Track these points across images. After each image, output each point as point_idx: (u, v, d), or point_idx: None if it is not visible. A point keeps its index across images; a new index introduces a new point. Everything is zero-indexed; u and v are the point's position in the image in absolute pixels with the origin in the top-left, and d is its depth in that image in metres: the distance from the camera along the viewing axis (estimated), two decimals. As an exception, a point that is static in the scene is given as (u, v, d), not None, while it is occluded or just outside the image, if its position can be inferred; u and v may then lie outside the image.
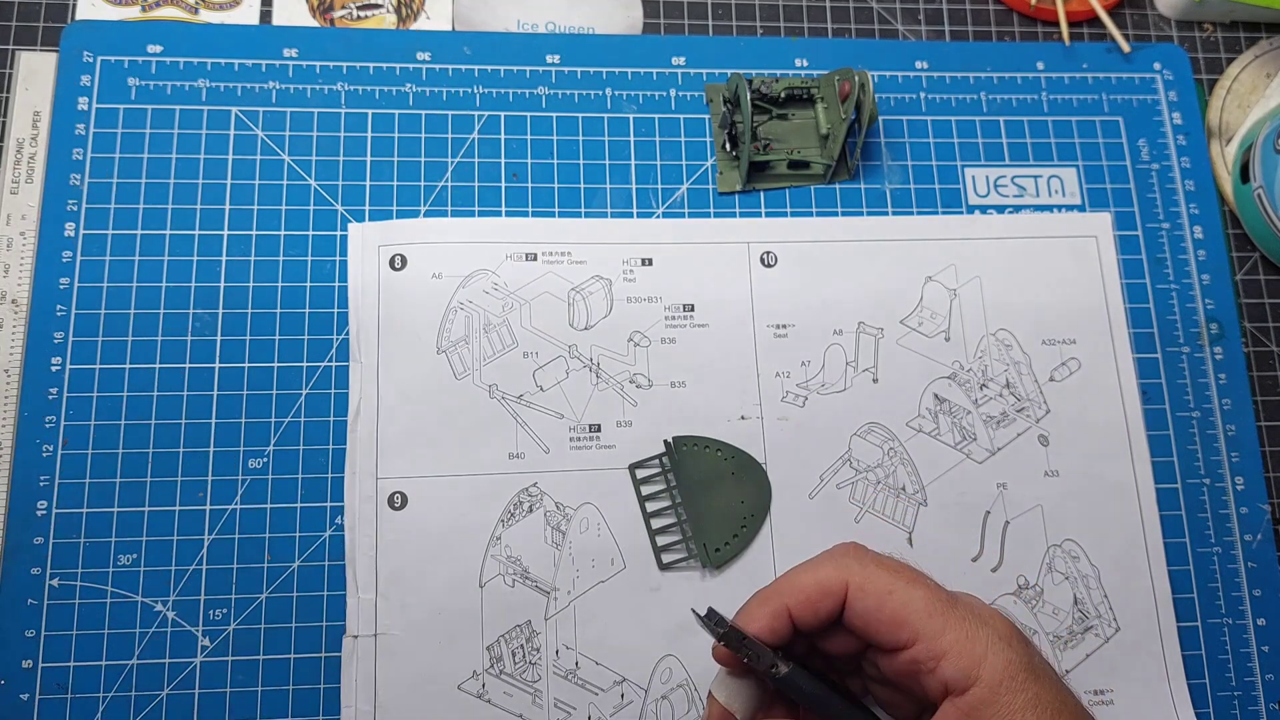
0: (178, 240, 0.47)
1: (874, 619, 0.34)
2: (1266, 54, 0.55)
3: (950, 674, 0.33)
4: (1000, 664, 0.32)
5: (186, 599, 0.43)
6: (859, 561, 0.35)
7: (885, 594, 0.34)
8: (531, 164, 0.50)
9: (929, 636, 0.33)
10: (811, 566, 0.36)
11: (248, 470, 0.45)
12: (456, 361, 0.46)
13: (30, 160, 0.48)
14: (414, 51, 0.51)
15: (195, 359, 0.46)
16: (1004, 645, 0.33)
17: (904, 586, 0.34)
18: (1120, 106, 0.53)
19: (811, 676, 0.35)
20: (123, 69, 0.49)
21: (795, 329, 0.48)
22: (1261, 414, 0.50)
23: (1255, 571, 0.47)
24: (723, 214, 0.50)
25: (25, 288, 0.46)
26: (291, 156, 0.48)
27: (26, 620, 0.42)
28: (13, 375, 0.45)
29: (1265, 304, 0.52)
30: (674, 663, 0.44)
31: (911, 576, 0.35)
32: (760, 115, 0.50)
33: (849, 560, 0.35)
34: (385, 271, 0.47)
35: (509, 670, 0.43)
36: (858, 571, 0.35)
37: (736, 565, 0.45)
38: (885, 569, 0.35)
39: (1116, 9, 0.55)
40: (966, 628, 0.33)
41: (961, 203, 0.51)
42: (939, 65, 0.53)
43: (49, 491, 0.44)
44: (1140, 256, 0.51)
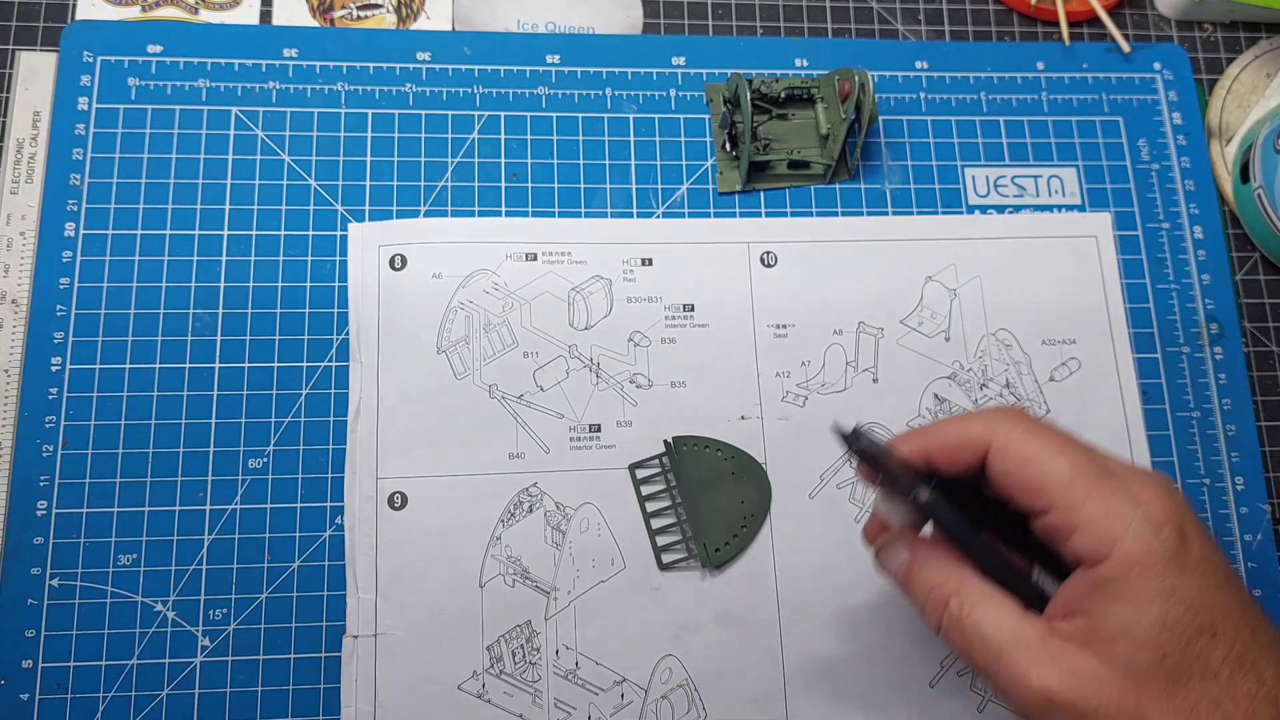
0: (178, 240, 0.47)
1: (1010, 482, 0.33)
2: (1266, 54, 0.55)
3: (1081, 548, 0.32)
4: (1138, 547, 0.31)
5: (186, 599, 0.43)
6: (1009, 422, 0.34)
7: (1024, 461, 0.33)
8: (531, 164, 0.50)
9: (1065, 508, 0.32)
10: (964, 417, 0.35)
11: (248, 470, 0.45)
12: (457, 361, 0.46)
13: (30, 160, 0.48)
14: (414, 51, 0.51)
15: (195, 359, 0.46)
16: (1149, 529, 0.31)
17: (1048, 456, 0.32)
18: (1120, 106, 0.53)
19: (954, 509, 0.34)
20: (123, 69, 0.49)
21: (795, 329, 0.48)
22: (1261, 414, 0.50)
23: (1255, 571, 0.47)
24: (723, 214, 0.50)
25: (25, 288, 0.46)
26: (291, 156, 0.48)
27: (26, 620, 0.42)
28: (13, 375, 0.45)
29: (1265, 304, 0.52)
30: (674, 663, 0.44)
31: (1060, 446, 0.33)
32: (760, 115, 0.50)
33: (1000, 419, 0.34)
34: (385, 271, 0.47)
35: (509, 670, 0.43)
36: (1004, 432, 0.33)
37: (737, 565, 0.45)
38: (1033, 435, 0.33)
39: (1116, 9, 0.55)
40: (1110, 504, 0.31)
41: (961, 203, 0.51)
42: (939, 65, 0.53)
43: (49, 491, 0.44)
44: (1140, 256, 0.51)
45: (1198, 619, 0.30)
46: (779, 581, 0.45)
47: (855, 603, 0.45)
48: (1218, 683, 0.30)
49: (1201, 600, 0.31)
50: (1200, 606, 0.31)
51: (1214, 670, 0.30)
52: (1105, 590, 0.31)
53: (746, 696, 0.43)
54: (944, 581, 0.34)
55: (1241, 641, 0.31)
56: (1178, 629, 0.30)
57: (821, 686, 0.44)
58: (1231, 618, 0.31)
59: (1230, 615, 0.31)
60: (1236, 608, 0.31)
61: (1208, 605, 0.31)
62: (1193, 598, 0.30)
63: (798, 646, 0.44)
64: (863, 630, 0.44)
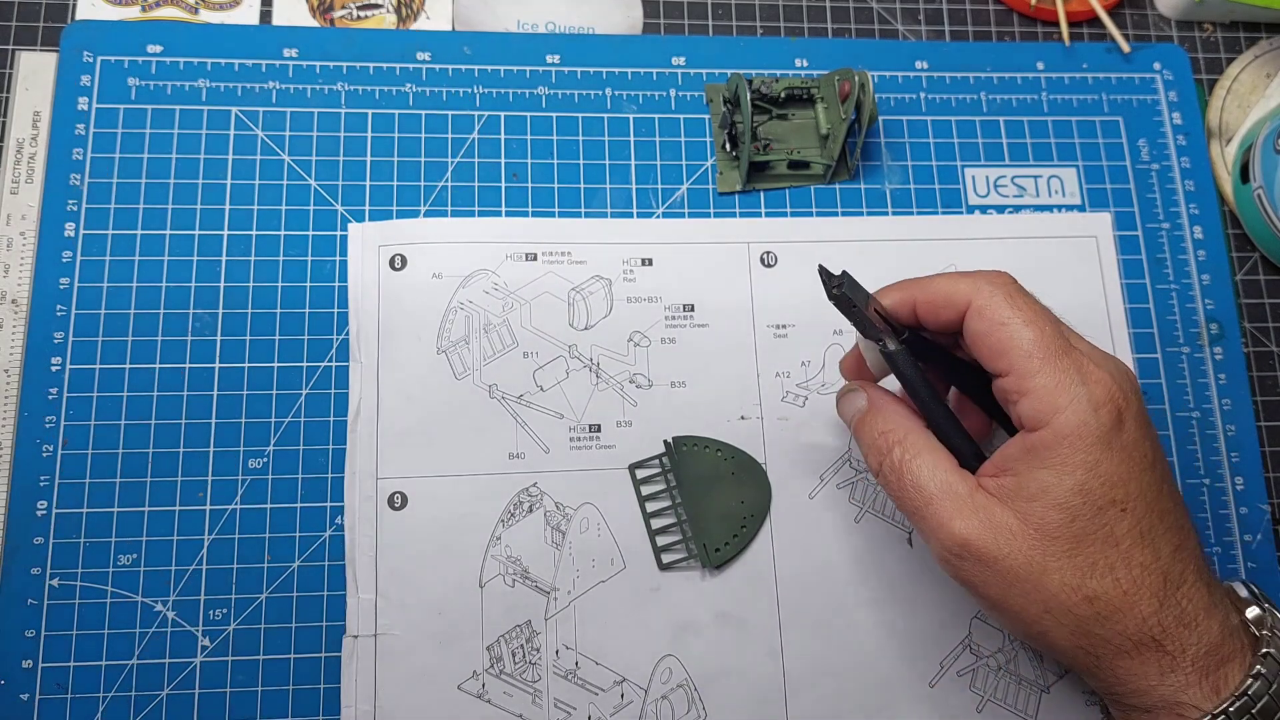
0: (178, 240, 0.47)
1: (980, 342, 0.36)
2: (1266, 54, 0.55)
3: (1025, 412, 0.35)
4: (1073, 420, 0.34)
5: (186, 599, 0.43)
6: (992, 286, 0.36)
7: (997, 324, 0.35)
8: (531, 164, 0.50)
9: (1019, 374, 0.35)
10: (954, 276, 0.37)
11: (248, 470, 0.45)
12: (457, 361, 0.46)
13: (30, 160, 0.48)
14: (414, 51, 0.51)
15: (195, 359, 0.46)
16: (1088, 406, 0.34)
17: (1019, 324, 0.35)
18: (1120, 106, 0.53)
19: (915, 363, 0.38)
20: (123, 69, 0.49)
21: (795, 329, 0.48)
22: (1261, 414, 0.50)
23: (1255, 572, 0.47)
24: (723, 214, 0.50)
25: (25, 288, 0.46)
26: (291, 156, 0.49)
27: (26, 620, 0.43)
28: (13, 375, 0.45)
29: (1265, 304, 0.52)
30: (674, 663, 0.44)
31: (1031, 317, 0.35)
32: (760, 115, 0.50)
33: (985, 283, 0.36)
34: (385, 271, 0.47)
35: (509, 670, 0.43)
36: (985, 295, 0.36)
37: (736, 565, 0.45)
38: (1011, 302, 0.36)
39: (1116, 9, 0.55)
40: (1060, 378, 0.34)
41: (961, 203, 0.51)
42: (939, 65, 0.53)
43: (49, 491, 0.44)
44: (1140, 257, 0.51)
45: (1111, 492, 0.34)
46: (779, 581, 0.45)
47: (855, 602, 0.45)
48: (1117, 550, 0.34)
49: (1118, 477, 0.34)
50: (1116, 482, 0.34)
51: (1116, 539, 0.34)
52: (1036, 454, 0.34)
53: (746, 696, 0.43)
54: (891, 430, 0.38)
55: (1148, 520, 0.34)
56: (1091, 497, 0.34)
57: (821, 686, 0.44)
58: (1145, 498, 0.34)
59: (1144, 495, 0.34)
60: (1152, 491, 0.34)
61: (1123, 482, 0.34)
62: (1111, 474, 0.34)
63: (798, 646, 0.44)
64: (863, 630, 0.44)
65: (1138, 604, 0.34)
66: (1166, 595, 0.34)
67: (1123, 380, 0.35)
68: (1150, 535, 0.34)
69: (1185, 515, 0.36)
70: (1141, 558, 0.34)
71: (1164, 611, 0.34)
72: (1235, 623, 0.35)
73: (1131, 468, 0.34)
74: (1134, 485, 0.34)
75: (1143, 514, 0.34)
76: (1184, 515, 0.36)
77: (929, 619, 0.45)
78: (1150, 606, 0.34)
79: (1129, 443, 0.34)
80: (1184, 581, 0.34)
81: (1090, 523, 0.34)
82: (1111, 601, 0.34)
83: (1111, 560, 0.34)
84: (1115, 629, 0.34)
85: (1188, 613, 0.34)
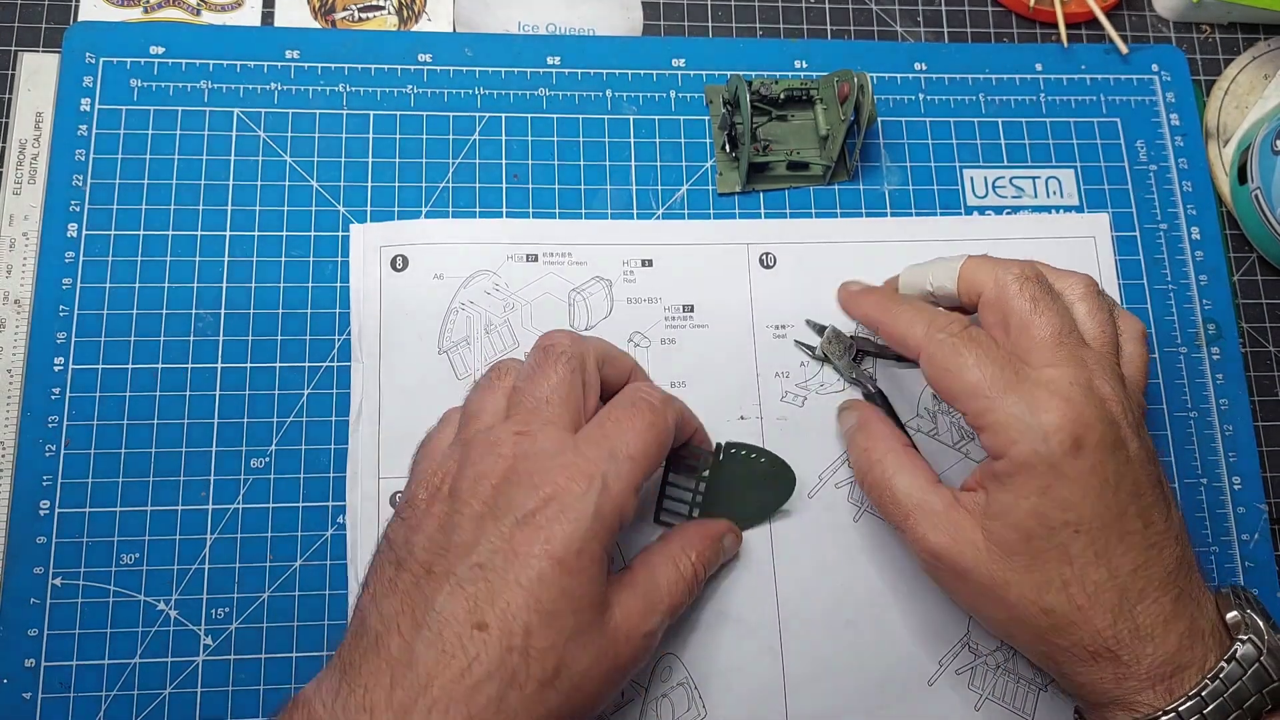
0: (180, 241, 0.47)
1: (935, 385, 0.39)
2: (1264, 55, 0.55)
3: (986, 444, 0.37)
4: (1025, 451, 0.36)
5: (189, 598, 0.43)
6: (944, 336, 0.39)
7: (944, 370, 0.38)
8: (532, 165, 0.50)
9: (974, 413, 0.37)
10: (915, 317, 0.41)
11: (250, 470, 0.45)
12: (458, 362, 0.46)
13: (33, 161, 0.48)
14: (415, 53, 0.51)
15: (197, 359, 0.46)
16: (1040, 439, 0.35)
17: (967, 368, 0.37)
18: (1118, 108, 0.54)
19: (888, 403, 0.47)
20: (125, 70, 0.49)
21: (794, 329, 0.48)
22: (1259, 414, 0.50)
23: (1253, 571, 0.48)
24: (722, 215, 0.50)
25: (28, 288, 0.46)
26: (293, 157, 0.49)
27: (29, 619, 0.43)
28: (15, 375, 0.45)
29: (1262, 304, 0.52)
30: (674, 661, 0.44)
31: (974, 361, 0.37)
32: (760, 116, 0.50)
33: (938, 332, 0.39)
34: (386, 272, 0.47)
35: (510, 669, 0.43)
36: (934, 345, 0.39)
37: (737, 565, 0.45)
38: (957, 351, 0.38)
39: (1114, 10, 0.56)
40: (1010, 413, 0.36)
41: (960, 204, 0.51)
42: (938, 67, 0.53)
43: (51, 491, 0.44)
44: (1138, 257, 0.51)
45: (1064, 515, 0.35)
46: (779, 581, 0.45)
47: (854, 602, 0.45)
48: (1071, 568, 0.36)
49: (1072, 500, 0.35)
50: (1069, 505, 0.35)
51: (1070, 558, 0.36)
52: (998, 479, 0.37)
53: (746, 695, 0.44)
54: (872, 448, 0.42)
55: (1104, 540, 0.36)
56: (1045, 520, 0.36)
57: (821, 685, 0.44)
58: (1100, 520, 0.36)
59: (1100, 518, 0.36)
60: (1111, 512, 0.36)
61: (1076, 505, 0.35)
62: (1064, 498, 0.35)
63: (797, 646, 0.44)
64: (862, 629, 0.45)
65: (1092, 618, 0.35)
66: (1122, 610, 0.35)
67: (1079, 404, 0.36)
68: (1106, 554, 0.36)
69: (1162, 532, 0.37)
70: (1096, 575, 0.36)
71: (1119, 625, 0.35)
72: (1205, 628, 0.36)
73: (1087, 492, 0.35)
74: (1088, 508, 0.36)
75: (1098, 534, 0.36)
76: (1160, 533, 0.37)
77: (927, 618, 0.45)
78: (1104, 620, 0.35)
79: (1085, 468, 0.35)
80: (1143, 598, 0.36)
81: (1044, 542, 0.36)
82: (1066, 615, 0.36)
83: (1066, 577, 0.36)
84: (1071, 639, 0.36)
85: (1144, 626, 0.35)
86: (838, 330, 0.48)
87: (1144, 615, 0.35)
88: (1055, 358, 0.37)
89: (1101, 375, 0.37)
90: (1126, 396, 0.38)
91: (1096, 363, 0.38)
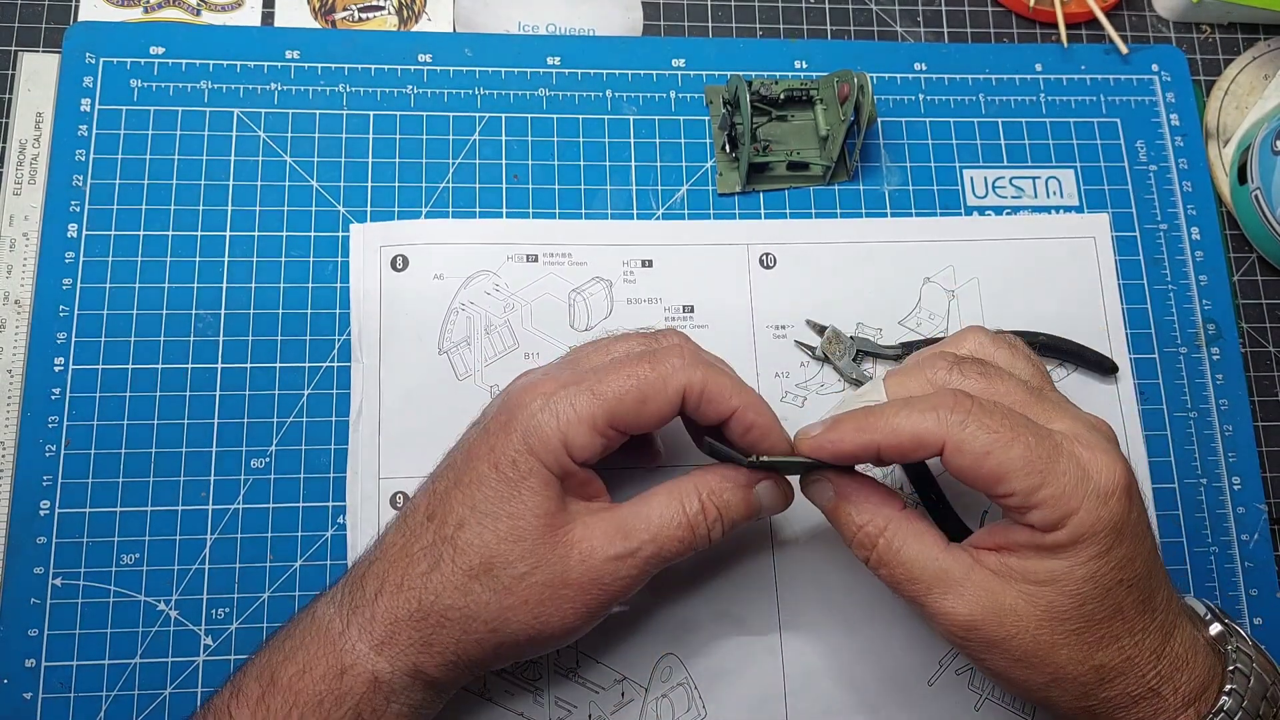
0: (180, 241, 0.47)
1: (970, 475, 0.34)
2: (1264, 55, 0.55)
3: (1037, 521, 0.34)
4: (1089, 520, 0.33)
5: (189, 598, 0.43)
6: (961, 416, 0.34)
7: (982, 455, 0.33)
8: (532, 165, 0.50)
9: (1024, 492, 0.33)
10: (913, 413, 0.34)
11: (250, 470, 0.45)
12: (458, 362, 0.46)
13: (33, 161, 0.48)
14: (415, 53, 0.51)
15: (198, 359, 0.46)
16: (1099, 503, 0.33)
17: (1002, 447, 0.33)
18: (1118, 108, 0.54)
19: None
20: (125, 70, 0.49)
21: (794, 330, 0.48)
22: (1258, 414, 0.50)
23: (1252, 571, 0.48)
24: (722, 215, 0.50)
25: (28, 288, 0.46)
26: (293, 158, 0.49)
27: (29, 619, 0.43)
28: (16, 375, 0.45)
29: (1262, 305, 0.52)
30: (674, 661, 0.44)
31: (1011, 435, 0.33)
32: (760, 117, 0.50)
33: (952, 415, 0.34)
34: (387, 272, 0.47)
35: (509, 669, 0.43)
36: (957, 430, 0.34)
37: (737, 565, 0.45)
38: (986, 427, 0.34)
39: (1114, 11, 0.56)
40: (1064, 483, 0.33)
41: (960, 204, 0.51)
42: (938, 67, 0.53)
43: (52, 491, 0.44)
44: (1138, 257, 0.51)
45: (1120, 574, 0.34)
46: (778, 581, 0.45)
47: (854, 602, 0.45)
48: (1123, 622, 0.34)
49: (1126, 558, 0.34)
50: (1124, 563, 0.34)
51: (1122, 613, 0.34)
52: (1048, 549, 0.34)
53: (746, 695, 0.44)
54: (870, 520, 0.37)
55: (1147, 585, 0.35)
56: (1102, 582, 0.34)
57: (821, 686, 0.44)
58: (1145, 565, 0.34)
59: (1145, 563, 0.34)
60: (1150, 554, 0.35)
61: (1130, 561, 0.34)
62: (1121, 557, 0.34)
63: (798, 646, 0.44)
64: (861, 629, 0.45)
65: (1139, 664, 0.34)
66: (1164, 649, 0.35)
67: (1118, 457, 0.34)
68: (1149, 598, 0.35)
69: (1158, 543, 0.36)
70: (1142, 623, 0.34)
71: (1162, 663, 0.35)
72: (1205, 639, 0.36)
73: (1139, 545, 0.34)
74: (1139, 560, 0.34)
75: (1144, 581, 0.34)
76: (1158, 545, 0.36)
77: (928, 618, 0.45)
78: (1150, 663, 0.34)
79: (1135, 521, 0.34)
80: (1176, 629, 0.35)
81: (1099, 605, 0.34)
82: (1117, 668, 0.34)
83: (1117, 632, 0.34)
84: (1119, 689, 0.35)
85: (1181, 657, 0.35)
86: (838, 330, 0.48)
87: (1180, 645, 0.35)
88: (1051, 414, 0.35)
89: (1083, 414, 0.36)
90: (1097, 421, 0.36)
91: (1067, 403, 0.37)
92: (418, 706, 0.37)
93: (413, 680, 0.36)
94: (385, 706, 0.36)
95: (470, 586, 0.36)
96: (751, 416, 0.38)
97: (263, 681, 0.36)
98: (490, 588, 0.35)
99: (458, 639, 0.36)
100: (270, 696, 0.35)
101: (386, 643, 0.36)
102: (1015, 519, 0.35)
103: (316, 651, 0.36)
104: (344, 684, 0.35)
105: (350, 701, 0.35)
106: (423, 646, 0.36)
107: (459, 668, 0.36)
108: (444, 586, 0.36)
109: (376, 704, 0.35)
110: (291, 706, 0.35)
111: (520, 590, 0.35)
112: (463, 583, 0.36)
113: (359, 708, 0.35)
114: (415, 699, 0.36)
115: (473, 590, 0.36)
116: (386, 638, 0.36)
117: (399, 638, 0.36)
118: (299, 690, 0.35)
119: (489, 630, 0.36)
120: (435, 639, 0.36)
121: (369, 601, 0.36)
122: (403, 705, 0.36)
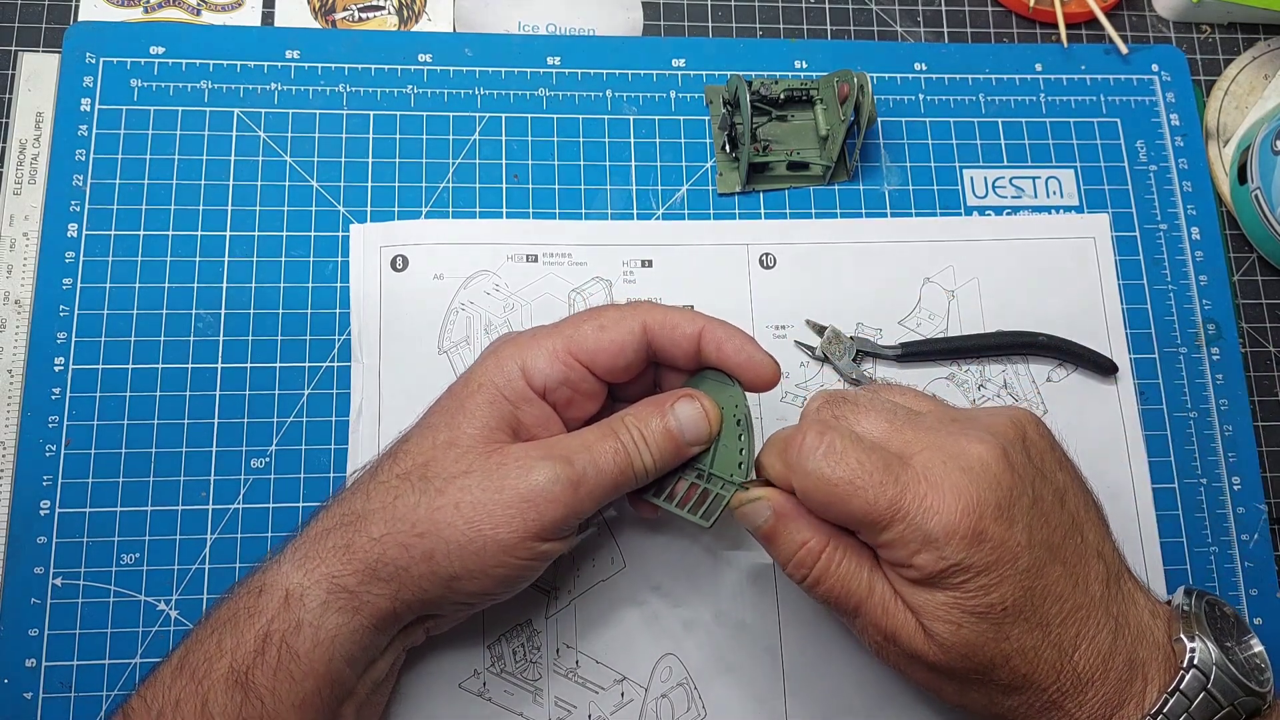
0: (180, 241, 0.47)
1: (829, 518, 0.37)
2: (1264, 55, 0.55)
3: (889, 560, 0.36)
4: (925, 564, 0.34)
5: (189, 598, 0.43)
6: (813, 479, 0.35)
7: (828, 505, 0.35)
8: (532, 165, 0.50)
9: (868, 535, 0.36)
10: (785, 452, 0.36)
11: (250, 470, 0.45)
12: (458, 362, 0.46)
13: (33, 161, 0.48)
14: (415, 53, 0.51)
15: (198, 359, 0.46)
16: (931, 551, 0.34)
17: (845, 497, 0.35)
18: (1118, 108, 0.54)
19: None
20: (125, 70, 0.49)
21: (794, 330, 0.48)
22: (1258, 414, 0.50)
23: (1252, 571, 0.48)
24: (722, 215, 0.50)
25: (28, 288, 0.46)
26: (293, 158, 0.49)
27: (30, 619, 0.43)
28: (16, 375, 0.45)
29: (1262, 304, 0.52)
30: (674, 661, 0.44)
31: (853, 487, 0.34)
32: (760, 117, 0.50)
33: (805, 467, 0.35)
34: (387, 272, 0.47)
35: (510, 669, 0.43)
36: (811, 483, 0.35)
37: (736, 565, 0.45)
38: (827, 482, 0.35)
39: (1114, 11, 0.56)
40: (898, 531, 0.34)
41: (960, 204, 0.51)
42: (937, 67, 0.53)
43: (52, 491, 0.44)
44: (1138, 257, 0.51)
45: (983, 598, 0.34)
46: (778, 581, 0.45)
47: (854, 602, 0.45)
48: (1010, 643, 0.35)
49: (985, 586, 0.34)
50: (985, 590, 0.34)
51: (1006, 635, 0.35)
52: (910, 581, 0.35)
53: (746, 695, 0.44)
54: (811, 538, 0.37)
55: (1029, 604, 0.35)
56: (969, 609, 0.34)
57: (821, 686, 0.44)
58: (1021, 586, 0.34)
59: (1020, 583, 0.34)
60: (1030, 574, 0.35)
61: (995, 586, 0.34)
62: (978, 587, 0.34)
63: (797, 646, 0.44)
64: (861, 629, 0.45)
65: (1037, 680, 0.35)
66: (1062, 664, 0.35)
67: (969, 492, 0.34)
68: (1036, 616, 0.35)
69: (1081, 556, 0.36)
70: (1032, 641, 0.35)
71: (1062, 679, 0.35)
72: (1145, 658, 0.35)
73: (1002, 571, 0.34)
74: (1008, 586, 0.34)
75: (1023, 603, 0.35)
76: (1078, 559, 0.36)
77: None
78: (1049, 679, 0.35)
79: (991, 550, 0.34)
80: (1079, 643, 0.35)
81: (973, 629, 0.35)
82: (1013, 683, 0.35)
83: (1006, 652, 0.35)
84: (1021, 699, 0.36)
85: (1084, 673, 0.35)
86: (838, 330, 0.48)
87: (1083, 661, 0.35)
88: (917, 441, 0.36)
89: (965, 432, 0.36)
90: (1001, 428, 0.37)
91: (939, 419, 0.37)
92: (334, 635, 0.34)
93: (327, 596, 0.35)
94: (297, 632, 0.34)
95: (400, 488, 0.36)
96: (719, 332, 0.38)
97: (203, 616, 0.36)
98: (419, 489, 0.36)
99: (379, 538, 0.35)
100: (200, 627, 0.36)
101: (309, 556, 0.36)
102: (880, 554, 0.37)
103: (249, 579, 0.36)
104: (261, 601, 0.35)
105: (262, 620, 0.34)
106: (341, 551, 0.35)
107: (379, 580, 0.35)
108: (374, 490, 0.36)
109: (286, 623, 0.34)
110: (213, 630, 0.35)
111: (452, 491, 0.35)
112: (393, 484, 0.36)
113: (269, 627, 0.34)
114: (330, 624, 0.34)
115: (401, 491, 0.36)
116: (309, 552, 0.36)
117: (320, 547, 0.36)
118: (219, 615, 0.36)
119: (416, 534, 0.35)
120: (355, 542, 0.35)
121: (305, 526, 0.37)
122: (318, 631, 0.34)
